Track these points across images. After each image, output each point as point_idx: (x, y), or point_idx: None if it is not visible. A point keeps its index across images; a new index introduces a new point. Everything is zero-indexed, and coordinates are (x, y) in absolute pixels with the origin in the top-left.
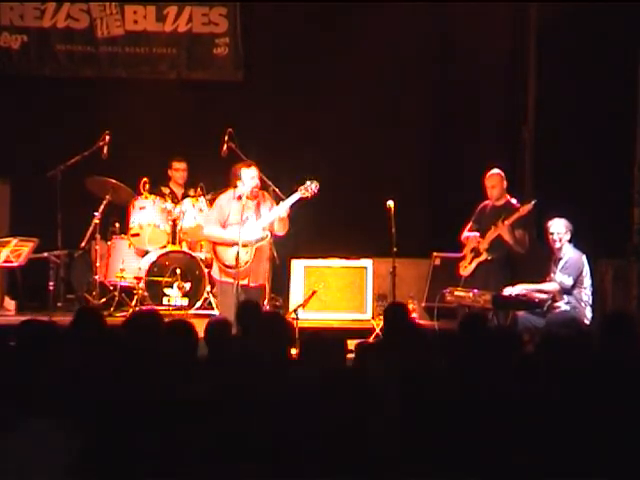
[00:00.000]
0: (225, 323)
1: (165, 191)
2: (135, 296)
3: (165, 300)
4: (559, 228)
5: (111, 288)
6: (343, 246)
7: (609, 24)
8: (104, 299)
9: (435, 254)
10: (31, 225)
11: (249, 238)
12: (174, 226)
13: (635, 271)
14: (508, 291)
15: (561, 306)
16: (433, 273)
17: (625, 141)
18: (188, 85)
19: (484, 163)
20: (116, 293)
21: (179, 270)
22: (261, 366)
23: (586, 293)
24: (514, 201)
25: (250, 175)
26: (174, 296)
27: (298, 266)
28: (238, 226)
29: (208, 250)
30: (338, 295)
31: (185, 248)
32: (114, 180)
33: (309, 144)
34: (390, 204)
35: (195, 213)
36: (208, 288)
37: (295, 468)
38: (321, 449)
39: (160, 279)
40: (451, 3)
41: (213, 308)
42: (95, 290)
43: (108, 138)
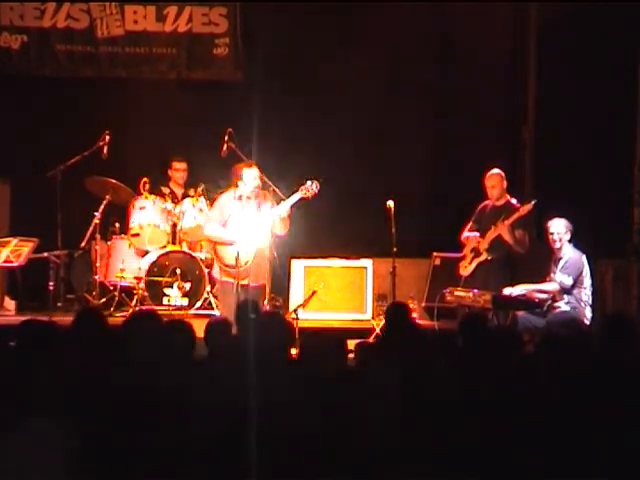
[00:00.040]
0: (225, 323)
1: (165, 191)
2: (135, 296)
3: (165, 300)
4: (559, 228)
5: (111, 288)
6: (343, 246)
7: (609, 24)
8: (104, 299)
9: (435, 254)
10: (31, 225)
11: (248, 239)
12: (174, 226)
13: (635, 271)
14: (508, 291)
15: (561, 306)
16: (433, 273)
17: (625, 141)
18: (188, 85)
19: (484, 163)
20: (116, 293)
21: (179, 270)
22: (261, 366)
23: (586, 293)
24: (514, 201)
25: (252, 175)
26: (174, 296)
27: (298, 266)
28: (237, 226)
29: (208, 250)
30: (338, 295)
31: (185, 248)
32: (114, 180)
33: (309, 144)
34: (390, 204)
35: (195, 213)
36: (208, 288)
37: (295, 468)
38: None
39: (160, 279)
40: (451, 3)
41: (213, 308)
42: (95, 290)
43: (108, 138)
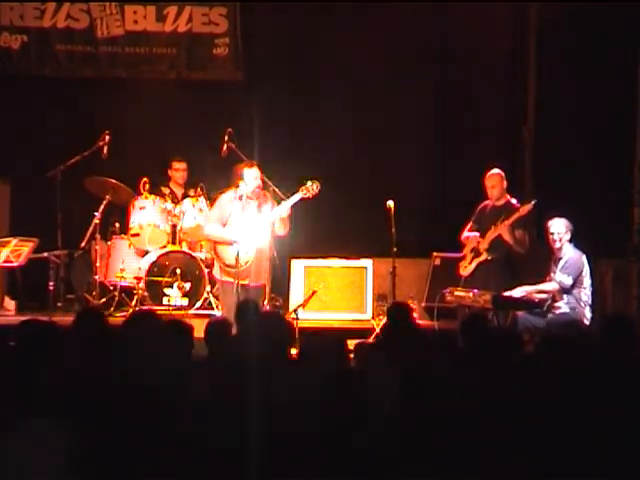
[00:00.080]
0: (225, 323)
1: (165, 191)
2: (135, 296)
3: (165, 300)
4: (559, 228)
5: (111, 288)
6: (343, 246)
7: (609, 24)
8: (104, 299)
9: (435, 254)
10: (31, 225)
11: (248, 239)
12: (174, 226)
13: (635, 271)
14: (507, 294)
15: (561, 306)
16: (433, 273)
17: (625, 141)
18: (188, 85)
19: (484, 163)
20: (116, 293)
21: (179, 270)
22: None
23: (585, 293)
24: (514, 201)
25: (252, 175)
26: (174, 296)
27: (298, 266)
28: (237, 226)
29: (208, 250)
30: (338, 295)
31: (185, 248)
32: (114, 180)
33: (309, 144)
34: (390, 204)
35: (195, 213)
36: (208, 288)
37: (295, 468)
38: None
39: (160, 279)
40: (451, 3)
41: (213, 308)
42: (95, 290)
43: (108, 138)
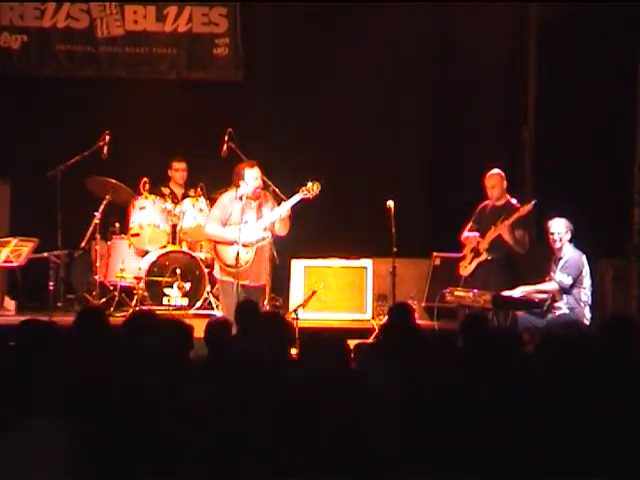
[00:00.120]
0: (225, 323)
1: (165, 191)
2: (135, 296)
3: (165, 300)
4: (559, 228)
5: (111, 288)
6: (343, 246)
7: (609, 24)
8: (104, 299)
9: (435, 254)
10: (31, 225)
11: (250, 239)
12: (174, 226)
13: (635, 271)
14: (507, 294)
15: (561, 306)
16: (433, 273)
17: (625, 141)
18: (188, 85)
19: (484, 163)
20: (116, 293)
21: (179, 270)
22: (261, 366)
23: (585, 293)
24: (514, 201)
25: (253, 176)
26: (174, 296)
27: (298, 266)
28: (238, 226)
29: (208, 250)
30: (338, 295)
31: (185, 248)
32: (114, 180)
33: (309, 144)
34: (390, 204)
35: (195, 213)
36: (208, 288)
37: (295, 468)
38: (321, 449)
39: (160, 279)
40: (451, 3)
41: (213, 308)
42: (95, 290)
43: (108, 138)
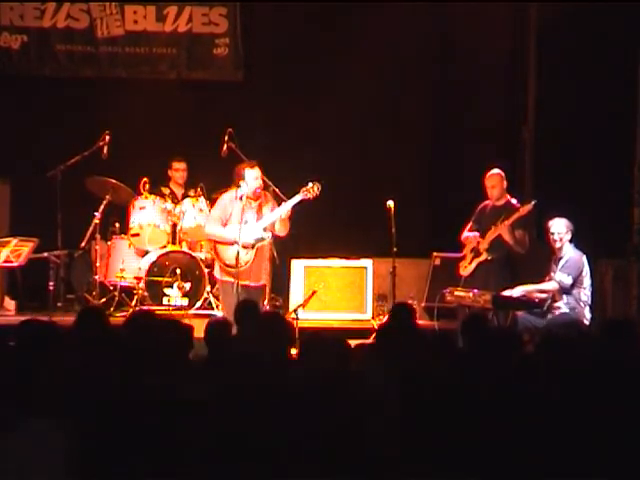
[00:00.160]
0: (225, 323)
1: (165, 191)
2: (135, 296)
3: (165, 300)
4: (560, 228)
5: (111, 288)
6: (343, 246)
7: (609, 24)
8: (104, 299)
9: (435, 254)
10: (31, 225)
11: (248, 240)
12: (174, 226)
13: (635, 271)
14: (507, 294)
15: (561, 306)
16: (433, 273)
17: (625, 141)
18: (188, 85)
19: (484, 163)
20: (116, 293)
21: (179, 270)
22: (261, 366)
23: (585, 293)
24: (514, 201)
25: (253, 176)
26: (174, 296)
27: (298, 266)
28: (238, 226)
29: (208, 250)
30: (338, 295)
31: (185, 248)
32: (114, 180)
33: (309, 144)
34: (390, 204)
35: (195, 213)
36: (208, 288)
37: (295, 468)
38: (321, 449)
39: (160, 279)
40: (451, 3)
41: (213, 308)
42: (95, 290)
43: (108, 138)
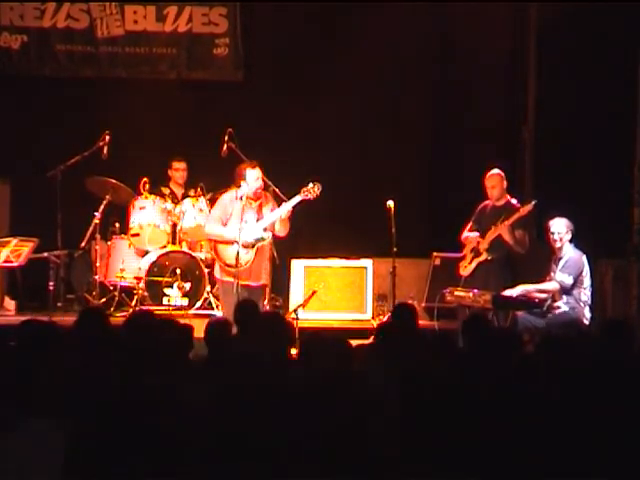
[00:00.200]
0: (225, 323)
1: (165, 191)
2: (135, 296)
3: (165, 300)
4: (560, 228)
5: (111, 288)
6: (343, 246)
7: (609, 24)
8: (104, 299)
9: (435, 254)
10: (31, 225)
11: (248, 239)
12: (174, 226)
13: (635, 271)
14: (508, 293)
15: (560, 306)
16: (433, 273)
17: (625, 141)
18: (188, 85)
19: (484, 163)
20: (116, 293)
21: (179, 270)
22: (261, 366)
23: (585, 293)
24: (514, 201)
25: (254, 176)
26: (174, 296)
27: (298, 266)
28: (238, 225)
29: (208, 250)
30: (338, 295)
31: (185, 248)
32: (114, 180)
33: (309, 144)
34: (390, 204)
35: (195, 213)
36: (208, 288)
37: (295, 468)
38: (321, 449)
39: (160, 279)
40: (451, 3)
41: (213, 308)
42: (95, 290)
43: (108, 138)
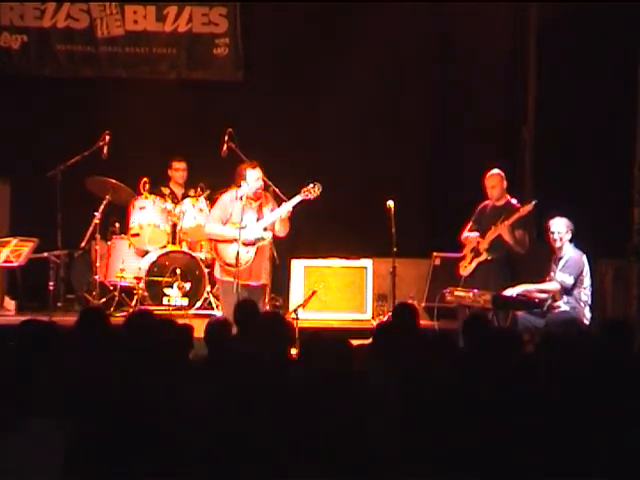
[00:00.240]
0: (225, 323)
1: (165, 191)
2: (135, 296)
3: (165, 300)
4: (560, 227)
5: (111, 288)
6: (343, 246)
7: (609, 24)
8: (104, 299)
9: (435, 254)
10: (31, 225)
11: (249, 237)
12: (174, 226)
13: (635, 271)
14: (509, 292)
15: (561, 306)
16: (433, 273)
17: (625, 141)
18: (188, 85)
19: (484, 163)
20: (116, 293)
21: (179, 270)
22: (261, 366)
23: (585, 293)
24: (514, 201)
25: (255, 176)
26: (174, 296)
27: (298, 266)
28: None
29: (208, 250)
30: (338, 295)
31: (185, 248)
32: (114, 180)
33: (309, 144)
34: (390, 204)
35: (195, 213)
36: (208, 288)
37: (295, 468)
38: (321, 449)
39: (160, 279)
40: (451, 3)
41: (213, 308)
42: (95, 290)
43: (108, 138)
